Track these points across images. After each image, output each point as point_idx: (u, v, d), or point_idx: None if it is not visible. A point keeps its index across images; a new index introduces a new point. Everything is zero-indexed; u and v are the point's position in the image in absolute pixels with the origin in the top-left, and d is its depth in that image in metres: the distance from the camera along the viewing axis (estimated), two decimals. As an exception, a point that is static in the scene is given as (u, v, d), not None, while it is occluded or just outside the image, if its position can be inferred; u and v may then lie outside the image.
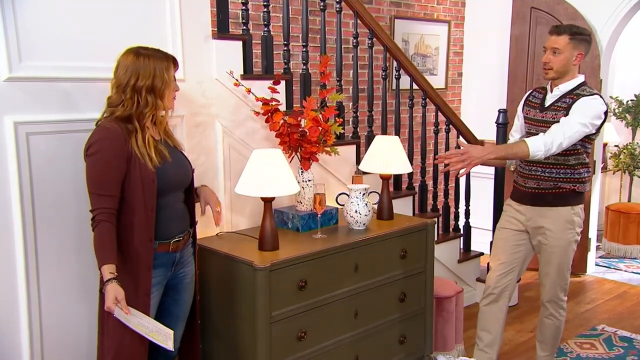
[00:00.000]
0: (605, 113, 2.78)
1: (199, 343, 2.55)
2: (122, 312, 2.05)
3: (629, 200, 5.96)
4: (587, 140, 2.82)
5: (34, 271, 2.30)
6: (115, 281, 2.03)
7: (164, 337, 2.13)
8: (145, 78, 2.12)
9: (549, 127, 2.77)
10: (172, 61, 2.22)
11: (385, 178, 3.17)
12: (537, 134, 2.78)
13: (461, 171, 2.73)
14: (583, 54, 2.81)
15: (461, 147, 2.75)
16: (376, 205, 3.17)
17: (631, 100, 5.90)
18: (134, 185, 2.12)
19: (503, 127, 4.06)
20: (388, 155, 3.10)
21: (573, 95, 2.79)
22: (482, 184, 4.77)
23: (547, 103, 2.89)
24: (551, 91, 2.90)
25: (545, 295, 3.03)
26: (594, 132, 2.77)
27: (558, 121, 2.76)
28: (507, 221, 3.06)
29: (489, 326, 3.10)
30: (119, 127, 2.10)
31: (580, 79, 2.86)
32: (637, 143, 5.92)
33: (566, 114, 2.76)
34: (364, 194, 2.94)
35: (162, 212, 2.21)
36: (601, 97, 2.79)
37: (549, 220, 2.90)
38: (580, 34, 2.79)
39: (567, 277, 2.99)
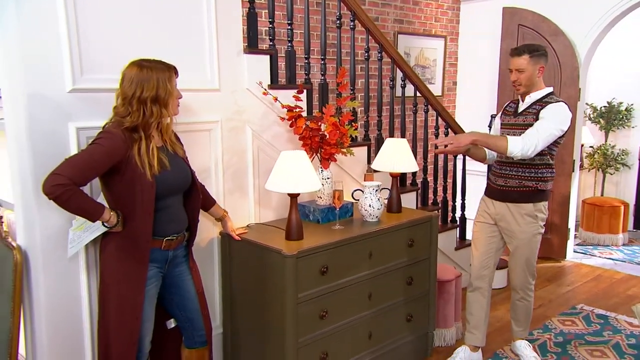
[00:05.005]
0: (570, 119, 2.77)
1: (210, 331, 2.46)
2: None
3: (602, 195, 5.96)
4: (554, 143, 2.80)
5: (94, 268, 2.31)
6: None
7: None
8: (149, 89, 2.02)
9: (520, 129, 2.79)
10: (174, 71, 2.12)
11: (394, 176, 3.17)
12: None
13: (450, 147, 2.82)
14: (543, 66, 2.83)
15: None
16: (386, 200, 3.18)
17: (604, 106, 5.90)
18: (132, 186, 2.03)
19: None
20: (397, 155, 3.10)
21: (542, 103, 2.80)
22: (476, 180, 4.79)
23: (520, 110, 2.90)
24: (522, 100, 2.91)
25: (516, 281, 3.05)
26: (561, 135, 2.77)
27: (528, 124, 2.77)
28: (480, 215, 3.09)
29: (473, 310, 3.12)
30: (123, 134, 2.01)
31: (549, 89, 2.86)
32: (610, 144, 5.93)
33: (536, 118, 2.76)
34: (376, 190, 2.95)
35: (159, 213, 2.12)
36: (566, 104, 2.79)
37: (514, 215, 2.91)
38: (537, 51, 2.80)
39: (534, 265, 3.01)
